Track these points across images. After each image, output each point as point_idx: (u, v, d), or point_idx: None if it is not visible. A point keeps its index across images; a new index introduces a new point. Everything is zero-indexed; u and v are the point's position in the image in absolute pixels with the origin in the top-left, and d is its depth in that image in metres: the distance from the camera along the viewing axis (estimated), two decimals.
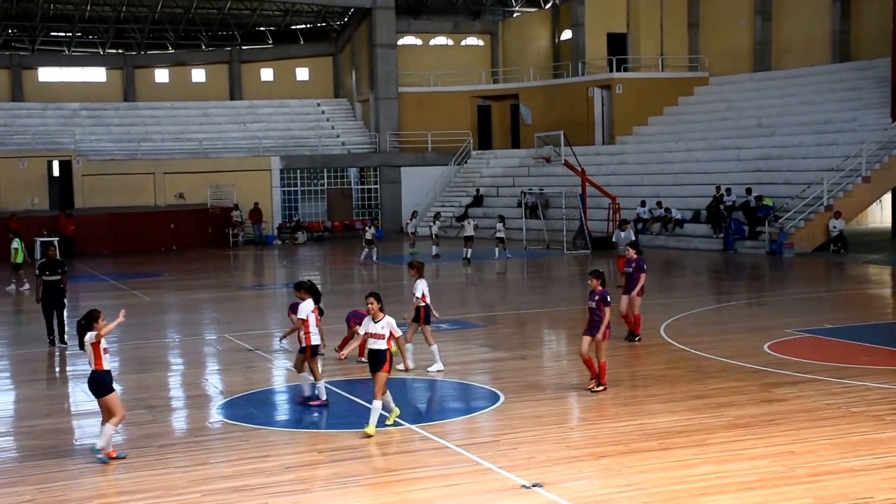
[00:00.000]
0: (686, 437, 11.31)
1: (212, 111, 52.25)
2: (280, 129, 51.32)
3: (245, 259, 39.62)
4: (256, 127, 50.89)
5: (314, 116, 53.40)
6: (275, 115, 52.65)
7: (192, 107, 52.15)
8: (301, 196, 48.39)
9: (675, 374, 14.80)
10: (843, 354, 15.96)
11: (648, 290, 26.34)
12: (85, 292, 28.89)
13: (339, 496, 9.65)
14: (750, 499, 9.11)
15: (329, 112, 53.91)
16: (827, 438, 11.03)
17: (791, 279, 27.89)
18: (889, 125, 35.44)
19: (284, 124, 51.99)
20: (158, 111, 51.34)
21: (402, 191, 49.21)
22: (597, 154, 45.34)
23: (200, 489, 9.95)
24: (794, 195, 34.16)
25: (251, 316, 22.76)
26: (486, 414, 12.91)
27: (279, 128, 51.49)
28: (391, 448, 11.34)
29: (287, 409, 13.76)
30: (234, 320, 21.71)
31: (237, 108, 52.97)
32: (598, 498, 9.28)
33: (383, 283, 29.98)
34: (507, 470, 10.23)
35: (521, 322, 20.80)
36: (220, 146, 48.82)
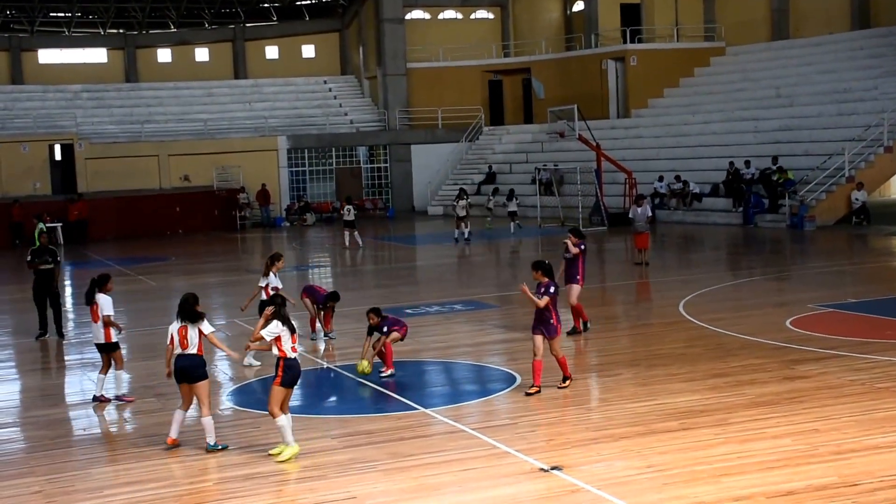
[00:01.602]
0: (707, 416, 11.31)
1: (216, 91, 52.24)
2: (286, 108, 51.29)
3: (253, 242, 39.69)
4: (262, 106, 50.88)
5: (321, 94, 53.34)
6: (281, 94, 52.61)
7: (196, 87, 52.15)
8: (309, 176, 48.41)
9: (694, 353, 14.79)
10: (867, 329, 15.92)
11: (667, 266, 26.48)
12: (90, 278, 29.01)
13: (354, 482, 9.70)
14: (773, 478, 9.13)
15: (336, 90, 53.84)
16: (851, 415, 11.02)
17: (813, 253, 27.81)
18: None
19: (291, 103, 51.95)
20: (161, 92, 51.36)
21: (412, 169, 49.16)
22: (612, 128, 45.19)
23: (212, 477, 10.02)
24: (815, 167, 33.98)
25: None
26: (503, 396, 12.93)
27: (285, 107, 51.45)
28: (407, 433, 11.37)
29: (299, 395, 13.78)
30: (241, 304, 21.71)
31: (242, 87, 52.95)
32: (618, 480, 9.30)
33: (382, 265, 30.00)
34: (525, 453, 10.26)
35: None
36: (226, 127, 48.84)
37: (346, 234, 33.78)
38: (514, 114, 52.32)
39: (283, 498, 9.30)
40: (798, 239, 30.67)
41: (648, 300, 21.35)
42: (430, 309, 19.85)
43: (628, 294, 22.21)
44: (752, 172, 35.45)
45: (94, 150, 44.58)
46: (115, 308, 13.69)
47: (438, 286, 23.87)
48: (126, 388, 13.65)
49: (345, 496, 9.30)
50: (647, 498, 8.79)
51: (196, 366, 10.98)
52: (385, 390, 13.29)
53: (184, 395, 11.11)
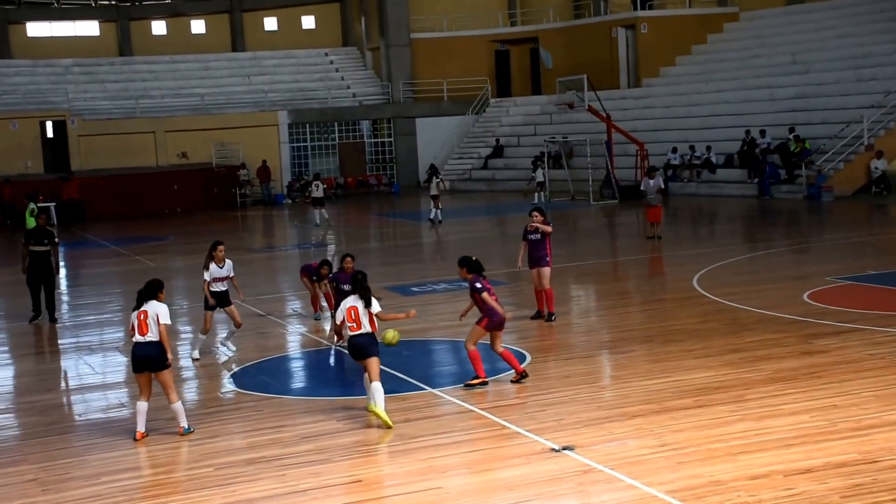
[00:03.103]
0: (723, 393, 11.30)
1: (213, 64, 52.08)
2: (287, 82, 51.14)
3: (254, 220, 39.71)
4: (261, 80, 50.72)
5: (322, 67, 53.16)
6: (280, 67, 52.43)
7: (193, 60, 51.98)
8: (311, 152, 48.32)
9: (709, 328, 14.77)
10: (887, 301, 15.89)
11: (681, 240, 26.44)
12: (85, 259, 29.09)
13: (360, 465, 9.70)
14: (791, 455, 9.11)
15: (338, 62, 53.65)
16: (871, 390, 11.00)
17: (831, 224, 27.72)
18: None
19: (291, 76, 51.79)
20: (156, 66, 51.21)
21: (417, 143, 49.03)
22: (622, 98, 45.01)
23: (213, 462, 10.02)
24: (833, 135, 33.83)
25: (262, 280, 22.82)
26: (512, 375, 12.91)
27: (286, 80, 51.30)
28: (414, 414, 11.37)
29: (303, 377, 13.82)
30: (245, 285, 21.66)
31: (240, 60, 52.77)
32: (631, 459, 9.29)
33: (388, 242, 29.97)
34: (535, 433, 10.25)
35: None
36: (224, 101, 48.73)
37: (315, 213, 33.87)
38: (522, 85, 52.11)
39: (285, 483, 9.30)
40: (815, 210, 30.57)
41: (661, 275, 21.33)
42: (438, 286, 19.84)
43: (641, 269, 22.17)
44: (767, 142, 35.30)
45: (87, 126, 44.52)
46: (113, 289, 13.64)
47: (445, 263, 23.83)
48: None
49: (349, 479, 9.31)
50: (662, 477, 8.78)
51: (158, 353, 10.78)
52: (392, 371, 13.28)
53: (143, 385, 10.88)
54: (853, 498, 8.05)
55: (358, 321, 11.07)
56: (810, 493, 8.22)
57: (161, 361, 10.81)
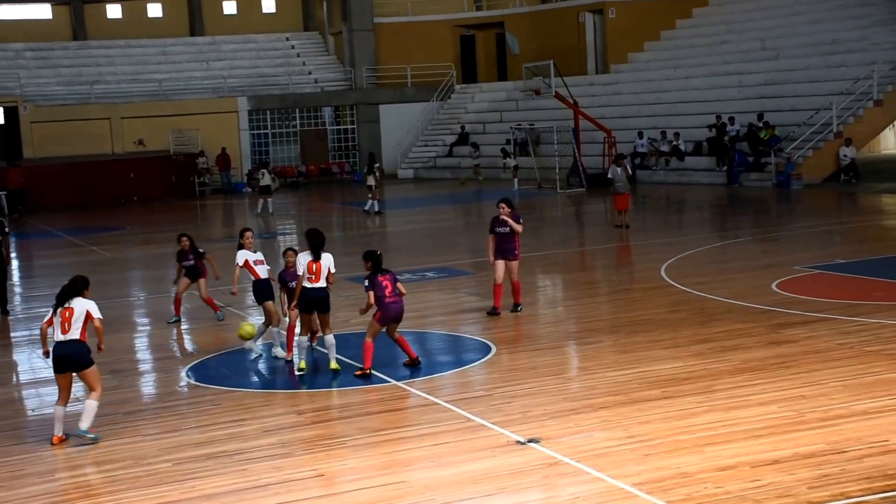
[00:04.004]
0: (690, 384, 11.40)
1: (171, 49, 51.66)
2: (246, 68, 50.82)
3: (213, 209, 39.50)
4: (220, 65, 50.38)
5: (283, 52, 52.88)
6: (240, 52, 52.10)
7: (149, 45, 51.51)
8: (272, 139, 48.10)
9: (677, 318, 14.88)
10: (856, 290, 16.07)
11: (649, 228, 26.59)
12: (39, 250, 28.81)
13: (322, 459, 9.70)
14: (759, 446, 9.21)
15: (299, 47, 53.38)
16: (839, 380, 11.13)
17: (800, 212, 27.99)
18: None
19: (251, 62, 51.48)
20: (112, 50, 50.71)
21: (381, 130, 48.94)
22: (589, 84, 45.13)
23: (171, 457, 9.99)
24: (802, 122, 34.12)
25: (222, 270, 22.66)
26: (478, 367, 12.97)
27: (245, 66, 50.98)
28: (377, 407, 11.40)
29: (264, 370, 13.79)
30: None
31: (199, 45, 52.38)
32: (598, 452, 9.36)
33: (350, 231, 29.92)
34: (501, 426, 10.29)
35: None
36: (182, 87, 48.38)
37: (260, 201, 33.76)
38: (488, 71, 52.12)
39: (247, 477, 9.28)
40: (784, 198, 30.85)
41: (629, 264, 21.45)
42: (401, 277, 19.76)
43: (608, 258, 22.30)
44: (737, 129, 35.53)
45: (40, 113, 44.05)
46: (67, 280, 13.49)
47: (409, 253, 23.85)
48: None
49: (312, 474, 9.31)
50: (629, 470, 8.85)
51: (82, 353, 10.62)
52: (356, 363, 13.27)
53: (62, 387, 10.65)
54: (821, 488, 8.15)
55: (318, 274, 12.46)
56: (778, 484, 8.31)
57: (83, 361, 10.61)
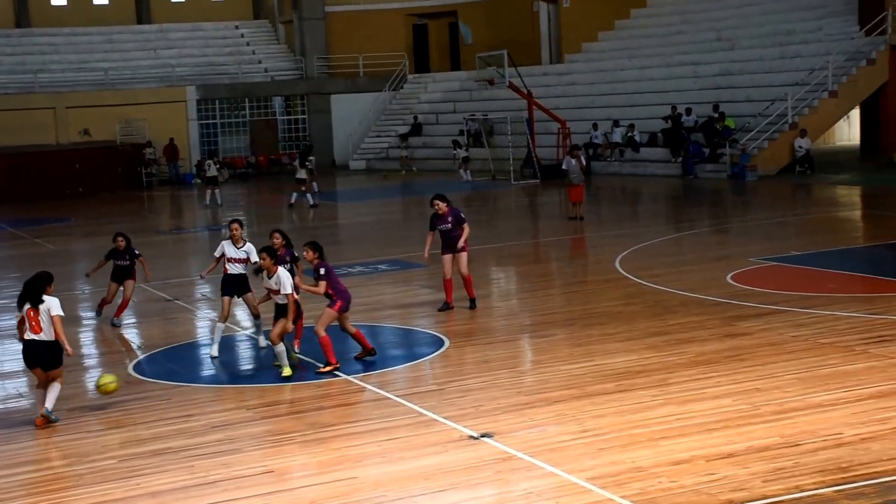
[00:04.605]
0: (645, 377, 11.44)
1: (117, 37, 51.03)
2: (195, 56, 50.36)
3: (161, 201, 39.16)
4: (168, 54, 49.87)
5: (232, 41, 52.46)
6: (188, 41, 51.60)
7: (95, 33, 50.86)
8: (221, 129, 47.72)
9: (632, 311, 14.94)
10: (811, 282, 16.24)
11: (603, 220, 26.72)
12: None
13: (271, 455, 9.63)
14: (713, 440, 9.26)
15: (249, 35, 52.99)
16: (794, 373, 11.23)
17: (755, 204, 28.24)
18: (856, 34, 35.75)
19: (200, 50, 51.02)
20: (56, 38, 50.00)
21: (332, 120, 48.73)
22: (544, 74, 45.22)
23: (116, 454, 9.87)
24: (757, 113, 34.43)
25: (170, 263, 22.50)
26: (430, 361, 12.95)
27: (194, 54, 50.51)
28: (328, 402, 11.34)
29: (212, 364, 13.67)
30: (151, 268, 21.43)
31: (146, 33, 51.80)
32: (551, 446, 9.36)
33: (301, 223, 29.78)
34: (454, 420, 10.27)
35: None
36: (129, 76, 47.84)
37: (207, 193, 33.57)
38: (441, 60, 52.06)
39: (193, 474, 9.19)
40: (739, 190, 31.12)
41: (583, 256, 21.54)
42: (353, 269, 19.77)
43: (562, 250, 22.35)
44: (694, 119, 35.74)
45: None
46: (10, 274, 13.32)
47: (362, 245, 23.78)
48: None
49: (261, 470, 9.23)
50: (583, 464, 8.86)
51: (52, 355, 10.73)
52: (305, 357, 13.20)
53: (39, 376, 10.93)
54: (775, 482, 8.21)
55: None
56: (732, 477, 8.36)
57: (53, 362, 10.73)
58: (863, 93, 35.24)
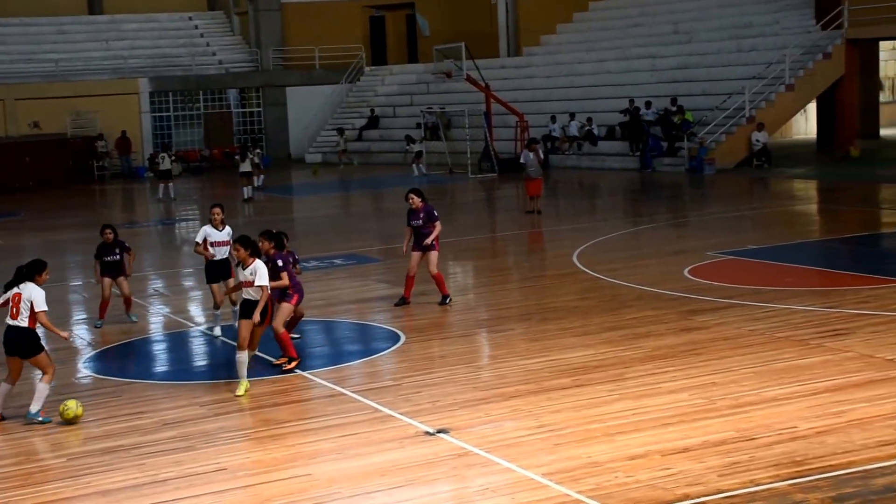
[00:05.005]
0: (601, 372, 11.51)
1: (68, 28, 50.47)
2: (148, 48, 49.87)
3: (113, 194, 38.83)
4: (121, 45, 49.37)
5: (186, 32, 52.03)
6: (141, 32, 51.10)
7: (45, 23, 50.23)
8: (174, 122, 47.33)
9: (588, 305, 15.01)
10: (767, 276, 16.41)
11: (561, 214, 26.81)
12: None
13: (225, 452, 9.58)
14: (669, 435, 9.33)
15: (203, 27, 52.59)
16: (749, 367, 11.34)
17: (712, 198, 28.47)
18: (812, 27, 36.11)
19: (153, 41, 50.52)
20: (5, 28, 49.32)
21: (288, 113, 48.50)
22: (502, 67, 45.26)
23: (66, 452, 9.78)
24: (714, 107, 34.69)
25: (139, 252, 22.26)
26: (386, 356, 12.95)
27: (147, 45, 50.02)
28: (282, 398, 11.29)
29: (165, 360, 13.58)
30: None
31: (98, 23, 51.25)
32: (508, 442, 9.39)
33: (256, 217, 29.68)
34: (409, 416, 10.28)
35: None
36: (80, 68, 47.29)
37: (160, 186, 33.33)
38: (398, 53, 51.95)
39: (145, 472, 9.12)
40: (697, 183, 31.35)
41: (541, 250, 21.61)
42: (308, 264, 19.67)
43: (520, 244, 22.41)
44: (653, 112, 35.91)
45: None
46: None
47: (317, 239, 23.68)
48: None
49: (214, 468, 9.18)
50: (538, 460, 8.89)
51: (24, 341, 10.64)
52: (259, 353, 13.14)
53: (11, 368, 10.80)
54: (730, 476, 8.29)
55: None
56: (687, 472, 8.43)
57: (28, 350, 10.67)
58: (819, 87, 35.62)
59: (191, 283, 19.49)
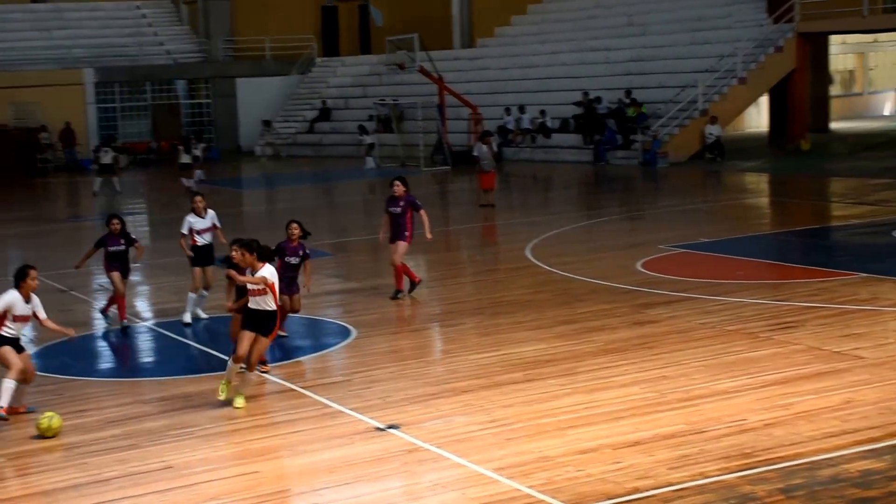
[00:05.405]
0: (553, 366, 11.58)
1: (9, 17, 49.76)
2: (93, 37, 49.32)
3: (56, 187, 38.44)
4: (64, 34, 48.80)
5: (133, 21, 51.53)
6: (86, 21, 50.54)
7: None
8: (121, 114, 46.88)
9: (541, 299, 15.09)
10: (719, 269, 16.58)
11: (514, 208, 26.89)
12: None
13: (171, 450, 9.51)
14: (620, 428, 9.42)
15: (150, 16, 52.10)
16: (700, 360, 11.47)
17: (665, 191, 28.72)
18: (765, 21, 36.49)
19: (97, 31, 49.99)
20: None
21: (238, 105, 48.20)
22: (455, 59, 45.29)
23: (5, 452, 9.67)
24: (668, 100, 34.96)
25: (65, 252, 22.03)
26: (337, 351, 12.95)
27: (91, 35, 49.47)
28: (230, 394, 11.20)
29: (109, 357, 13.48)
30: (46, 258, 21.03)
31: (39, 12, 50.63)
32: (459, 437, 9.42)
33: None
34: (360, 412, 10.28)
35: (373, 248, 20.75)
36: (22, 58, 46.66)
37: (97, 181, 33.09)
38: (350, 44, 51.83)
39: (87, 471, 9.05)
40: (650, 176, 31.59)
41: (494, 244, 21.68)
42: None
43: (472, 238, 22.46)
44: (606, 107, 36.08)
45: None
46: None
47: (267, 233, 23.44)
48: None
49: (160, 466, 9.12)
50: (489, 455, 8.93)
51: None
52: (206, 348, 13.08)
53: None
54: (680, 469, 8.38)
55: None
56: (638, 465, 8.51)
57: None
58: (771, 80, 36.03)
59: (136, 279, 19.31)
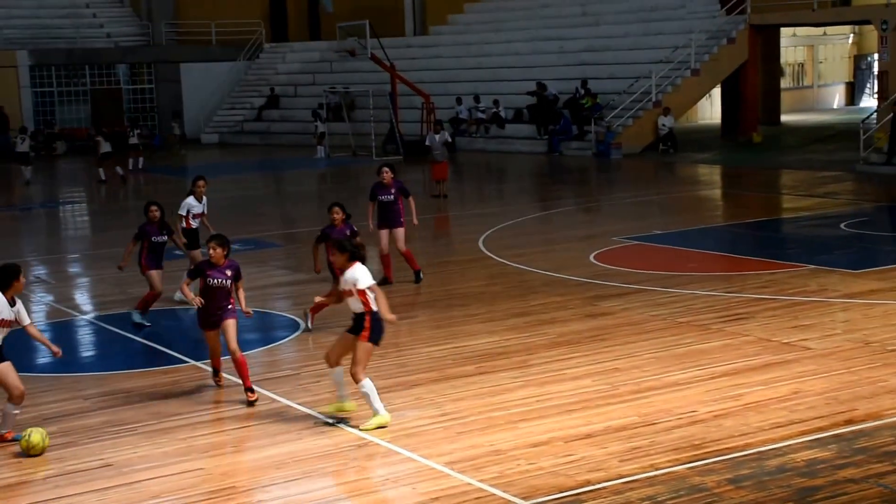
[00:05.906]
0: (506, 359, 11.64)
1: None
2: (27, 18, 48.51)
3: None
4: None
5: (70, 2, 50.76)
6: (19, 1, 49.73)
7: None
8: (58, 98, 46.28)
9: (494, 291, 15.16)
10: (671, 262, 16.76)
11: (467, 199, 26.96)
12: None
13: (110, 447, 9.43)
14: (572, 421, 9.50)
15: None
16: (652, 352, 11.60)
17: (618, 182, 28.92)
18: (717, 12, 36.81)
19: (31, 11, 49.14)
20: None
21: (182, 91, 47.79)
22: (408, 46, 45.24)
23: None
24: (621, 91, 35.18)
25: (3, 243, 21.80)
26: (285, 344, 12.92)
27: (26, 15, 48.65)
28: (174, 389, 11.16)
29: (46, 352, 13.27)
30: None
31: None
32: (409, 431, 9.45)
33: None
34: (309, 406, 10.28)
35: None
36: None
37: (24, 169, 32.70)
38: (299, 29, 51.59)
39: (23, 470, 8.95)
40: (604, 168, 31.79)
41: (447, 236, 21.71)
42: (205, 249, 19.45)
43: (425, 230, 22.38)
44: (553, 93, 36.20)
45: None
46: None
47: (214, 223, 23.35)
48: None
49: (98, 464, 9.04)
50: (440, 449, 8.97)
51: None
52: (152, 343, 12.99)
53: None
54: (631, 461, 8.48)
55: None
56: (590, 458, 8.59)
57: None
58: (724, 71, 36.39)
59: (76, 270, 19.17)
